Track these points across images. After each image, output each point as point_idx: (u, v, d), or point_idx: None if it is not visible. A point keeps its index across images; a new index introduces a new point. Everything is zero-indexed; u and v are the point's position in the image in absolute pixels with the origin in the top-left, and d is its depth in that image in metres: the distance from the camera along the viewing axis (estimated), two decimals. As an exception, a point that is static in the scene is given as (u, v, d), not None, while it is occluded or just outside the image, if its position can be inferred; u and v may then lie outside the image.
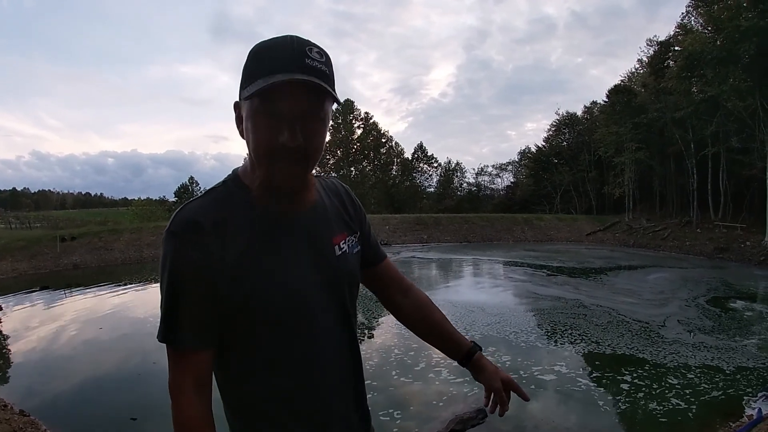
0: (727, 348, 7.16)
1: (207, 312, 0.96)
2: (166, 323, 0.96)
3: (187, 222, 0.95)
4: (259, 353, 1.01)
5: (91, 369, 6.79)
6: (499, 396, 1.33)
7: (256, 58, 0.94)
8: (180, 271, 0.94)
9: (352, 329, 1.16)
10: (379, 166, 51.99)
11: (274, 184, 0.97)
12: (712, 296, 11.45)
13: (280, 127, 0.92)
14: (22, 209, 68.37)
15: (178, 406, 0.97)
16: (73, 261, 19.30)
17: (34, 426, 4.74)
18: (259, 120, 0.93)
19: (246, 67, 0.96)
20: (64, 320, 9.72)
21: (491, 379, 1.33)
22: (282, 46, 0.93)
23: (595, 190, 41.26)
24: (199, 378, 0.97)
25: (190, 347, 0.96)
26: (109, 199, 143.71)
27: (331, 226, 1.13)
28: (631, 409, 5.14)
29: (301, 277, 1.03)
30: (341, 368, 1.11)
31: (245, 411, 1.04)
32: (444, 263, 18.95)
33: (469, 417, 4.76)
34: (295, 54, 0.91)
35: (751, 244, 20.67)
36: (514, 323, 8.61)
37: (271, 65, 0.91)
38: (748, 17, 20.05)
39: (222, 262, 0.95)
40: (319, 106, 0.94)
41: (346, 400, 1.13)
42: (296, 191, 1.03)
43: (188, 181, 58.80)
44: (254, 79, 0.92)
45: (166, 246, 0.95)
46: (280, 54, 0.92)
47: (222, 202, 1.00)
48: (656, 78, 29.60)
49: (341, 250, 1.13)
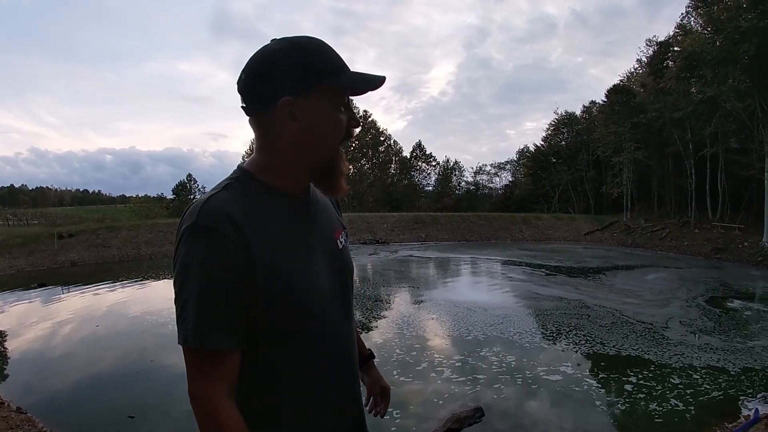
0: (733, 349, 7.14)
1: (242, 309, 0.91)
2: (199, 325, 0.89)
3: (220, 215, 0.91)
4: (288, 348, 0.99)
5: (89, 367, 6.76)
6: (375, 399, 1.49)
7: (319, 53, 1.01)
8: (216, 266, 0.89)
9: (354, 321, 1.21)
10: (377, 164, 52.00)
11: (341, 167, 1.06)
12: (710, 296, 11.46)
13: (354, 118, 1.05)
14: (20, 206, 68.31)
15: (216, 415, 0.90)
16: (70, 258, 19.26)
17: (31, 423, 4.72)
18: (337, 110, 1.02)
19: (306, 59, 0.98)
20: (61, 317, 9.69)
21: (373, 384, 1.50)
22: (327, 45, 1.03)
23: (594, 189, 41.28)
24: (231, 382, 0.93)
25: (228, 349, 0.91)
26: (107, 196, 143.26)
27: (332, 220, 1.18)
28: (630, 410, 5.13)
29: (321, 272, 1.05)
30: (351, 360, 1.15)
31: (268, 409, 1.01)
32: (442, 262, 18.94)
33: (466, 416, 4.77)
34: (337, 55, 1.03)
35: (749, 244, 20.69)
36: (518, 324, 8.58)
37: (341, 63, 1.02)
38: (747, 18, 20.03)
39: (258, 256, 0.92)
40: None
41: (355, 390, 1.17)
42: (345, 174, 1.09)
43: (186, 179, 58.48)
44: (329, 73, 1.00)
45: (195, 241, 0.90)
46: (335, 53, 1.02)
47: (245, 195, 0.98)
48: (655, 78, 29.58)
49: (342, 244, 1.17)
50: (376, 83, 1.02)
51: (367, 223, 28.70)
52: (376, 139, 51.30)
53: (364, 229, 27.15)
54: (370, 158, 51.83)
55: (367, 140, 50.51)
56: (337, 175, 1.06)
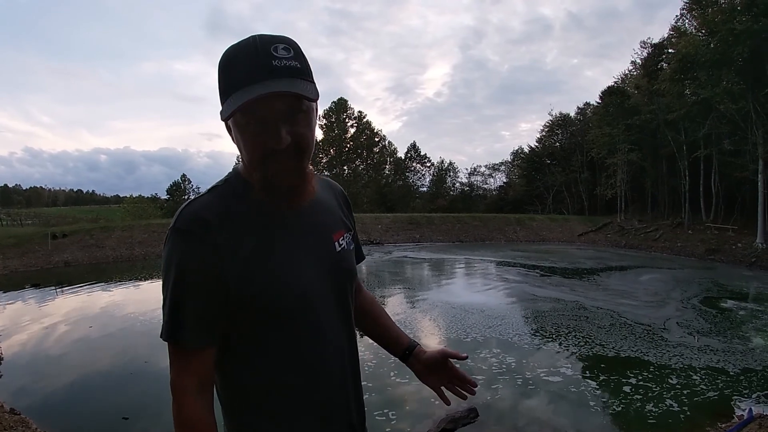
0: (733, 350, 7.18)
1: (214, 309, 0.95)
2: (171, 321, 0.94)
3: (195, 219, 0.94)
4: (264, 350, 1.00)
5: (83, 368, 6.74)
6: (451, 388, 1.35)
7: (225, 72, 0.94)
8: (188, 268, 0.93)
9: (352, 325, 1.17)
10: (372, 165, 52.07)
11: (276, 184, 0.97)
12: (705, 297, 11.55)
13: (265, 133, 0.92)
14: (13, 206, 67.93)
15: (181, 407, 0.95)
16: (64, 258, 19.16)
17: (25, 424, 4.69)
18: (244, 132, 0.93)
19: (219, 83, 0.95)
20: (54, 318, 9.65)
21: (436, 366, 1.34)
22: (245, 53, 0.91)
23: (588, 190, 41.42)
24: (202, 378, 0.96)
25: (196, 345, 0.95)
26: (101, 197, 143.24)
27: (331, 221, 1.15)
28: (625, 411, 5.15)
29: (307, 273, 1.04)
30: (343, 364, 1.11)
31: (247, 408, 1.03)
32: (437, 263, 18.96)
33: (460, 416, 4.79)
34: (260, 58, 0.90)
35: (743, 245, 20.83)
36: (516, 325, 8.58)
37: (239, 78, 0.90)
38: (742, 21, 20.13)
39: (231, 258, 0.94)
40: (298, 101, 0.92)
41: (347, 395, 1.13)
42: (297, 186, 1.01)
43: (181, 179, 58.53)
44: (227, 96, 0.92)
45: (173, 243, 0.94)
46: (245, 62, 0.91)
47: (227, 198, 0.99)
48: (649, 80, 29.77)
49: (341, 246, 1.14)
50: (243, 99, 0.88)
51: (362, 224, 28.66)
52: (371, 140, 51.37)
53: (358, 230, 26.95)
54: (364, 159, 51.90)
55: (362, 141, 50.57)
56: (277, 190, 0.99)
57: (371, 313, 1.39)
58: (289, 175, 0.97)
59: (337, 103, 50.62)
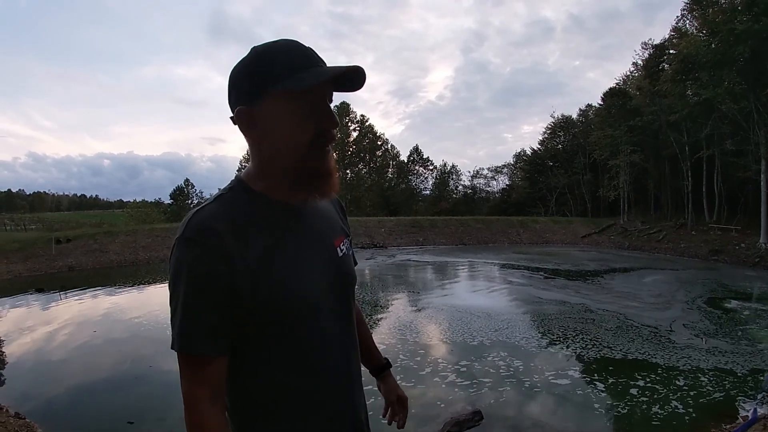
0: (741, 351, 7.15)
1: (226, 318, 0.95)
2: (184, 332, 0.94)
3: (203, 228, 0.94)
4: (271, 353, 1.01)
5: (87, 372, 6.74)
6: (393, 409, 1.47)
7: (264, 62, 0.96)
8: (199, 278, 0.93)
9: (354, 327, 1.19)
10: (374, 168, 52.02)
11: (319, 169, 1.01)
12: (709, 297, 11.51)
13: (317, 114, 0.98)
14: (17, 211, 68.11)
15: (194, 417, 0.95)
16: (68, 263, 19.18)
17: (30, 429, 4.70)
18: (294, 114, 0.97)
19: (252, 75, 0.97)
20: (59, 323, 9.66)
21: (389, 393, 1.47)
22: (282, 48, 0.98)
23: (590, 192, 41.29)
24: (215, 387, 0.97)
25: (209, 355, 0.95)
26: (104, 201, 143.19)
27: (332, 227, 1.17)
28: (630, 413, 5.13)
29: (314, 279, 1.05)
30: (347, 366, 1.13)
31: (252, 411, 1.04)
32: (441, 266, 18.92)
33: (465, 419, 4.77)
34: (302, 50, 0.98)
35: (746, 245, 20.74)
36: (523, 329, 8.54)
37: (290, 64, 0.95)
38: (743, 20, 20.12)
39: (241, 266, 0.94)
40: (331, 93, 1.02)
41: (353, 396, 1.15)
42: (334, 172, 1.05)
43: (184, 184, 58.48)
44: (274, 83, 0.95)
45: (181, 253, 0.94)
46: (288, 53, 0.97)
47: (233, 206, 1.00)
48: (651, 81, 29.75)
49: (342, 252, 1.15)
50: (326, 74, 0.96)
51: (365, 227, 28.66)
52: (374, 143, 51.36)
53: (361, 234, 27.07)
54: (367, 162, 51.84)
55: (365, 144, 50.56)
56: (319, 177, 1.02)
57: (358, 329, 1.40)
58: (332, 159, 1.03)
59: (339, 107, 50.65)
